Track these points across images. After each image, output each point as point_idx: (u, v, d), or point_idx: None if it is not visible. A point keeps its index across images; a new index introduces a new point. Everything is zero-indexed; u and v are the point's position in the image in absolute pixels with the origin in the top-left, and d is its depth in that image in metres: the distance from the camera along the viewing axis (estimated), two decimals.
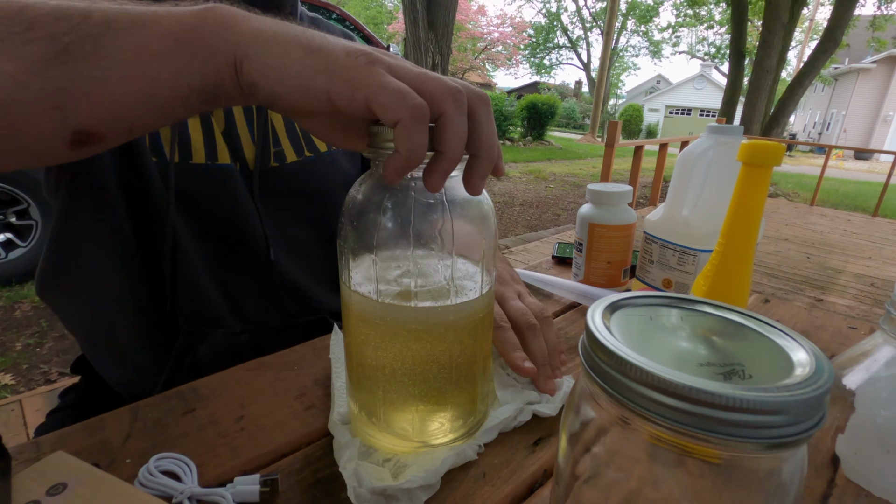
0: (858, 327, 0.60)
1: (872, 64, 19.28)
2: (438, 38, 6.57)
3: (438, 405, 0.34)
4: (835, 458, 0.33)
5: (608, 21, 15.69)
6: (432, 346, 0.32)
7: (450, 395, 0.34)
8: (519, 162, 8.39)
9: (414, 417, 0.34)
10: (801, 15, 8.84)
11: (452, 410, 0.34)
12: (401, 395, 0.33)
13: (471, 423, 0.36)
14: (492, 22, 24.04)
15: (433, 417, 0.34)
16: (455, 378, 0.33)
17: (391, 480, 0.31)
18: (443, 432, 0.34)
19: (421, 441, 0.34)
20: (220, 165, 0.52)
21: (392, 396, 0.33)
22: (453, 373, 0.33)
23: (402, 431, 0.34)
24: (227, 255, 0.55)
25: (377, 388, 0.33)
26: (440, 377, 0.33)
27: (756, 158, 0.34)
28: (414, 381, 0.33)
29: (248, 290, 0.57)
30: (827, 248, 3.06)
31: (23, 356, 1.78)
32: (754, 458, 0.18)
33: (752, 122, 8.20)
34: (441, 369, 0.33)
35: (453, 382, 0.33)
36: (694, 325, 0.22)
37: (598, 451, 0.21)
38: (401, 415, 0.34)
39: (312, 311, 0.62)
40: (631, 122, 21.74)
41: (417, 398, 0.33)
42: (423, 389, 0.33)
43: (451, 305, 0.32)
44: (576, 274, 0.67)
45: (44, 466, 0.29)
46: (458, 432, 0.35)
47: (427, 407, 0.34)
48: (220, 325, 0.55)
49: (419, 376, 0.32)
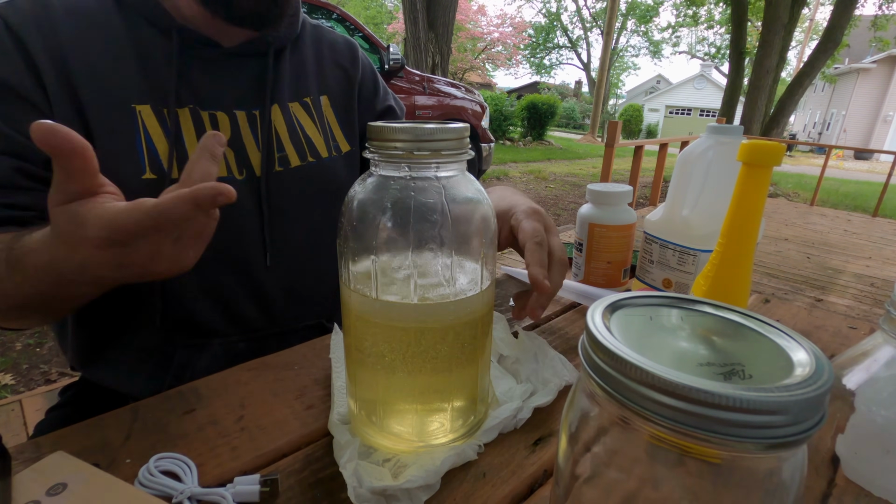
0: (858, 327, 0.60)
1: (872, 64, 19.28)
2: (438, 38, 6.58)
3: (438, 405, 0.34)
4: (835, 458, 0.33)
5: (608, 21, 15.69)
6: (432, 344, 0.32)
7: (449, 395, 0.34)
8: (519, 162, 8.39)
9: (413, 417, 0.34)
10: (801, 15, 8.85)
11: (452, 410, 0.34)
12: (400, 394, 0.33)
13: (471, 423, 0.36)
14: (492, 22, 24.04)
15: (433, 417, 0.34)
16: (455, 377, 0.33)
17: (391, 480, 0.31)
18: (443, 432, 0.34)
19: (421, 441, 0.34)
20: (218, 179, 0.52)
21: (391, 396, 0.33)
22: (453, 372, 0.33)
23: (402, 431, 0.34)
24: (222, 264, 0.54)
25: (377, 387, 0.33)
26: (440, 376, 0.33)
27: (756, 158, 0.34)
28: (413, 380, 0.33)
29: (244, 297, 0.57)
30: (827, 248, 3.06)
31: (23, 356, 1.78)
32: (754, 459, 0.18)
33: (752, 122, 8.20)
34: (441, 368, 0.33)
35: (453, 382, 0.33)
36: (694, 325, 0.22)
37: (598, 451, 0.21)
38: (400, 415, 0.34)
39: (311, 316, 0.62)
40: (631, 122, 21.74)
41: (417, 398, 0.33)
42: (422, 389, 0.33)
43: (450, 303, 0.32)
44: (576, 274, 0.67)
45: (44, 466, 0.29)
46: (458, 432, 0.35)
47: (426, 407, 0.34)
48: (217, 335, 0.55)
49: (419, 376, 0.32)
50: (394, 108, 0.70)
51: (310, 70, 0.61)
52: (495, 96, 11.85)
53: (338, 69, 0.64)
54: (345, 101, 0.64)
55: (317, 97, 0.61)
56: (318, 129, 0.60)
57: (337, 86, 0.64)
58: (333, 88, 0.63)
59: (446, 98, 4.12)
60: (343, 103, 0.64)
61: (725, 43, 20.97)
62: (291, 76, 0.59)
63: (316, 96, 0.61)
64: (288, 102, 0.58)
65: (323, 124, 0.61)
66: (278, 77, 0.57)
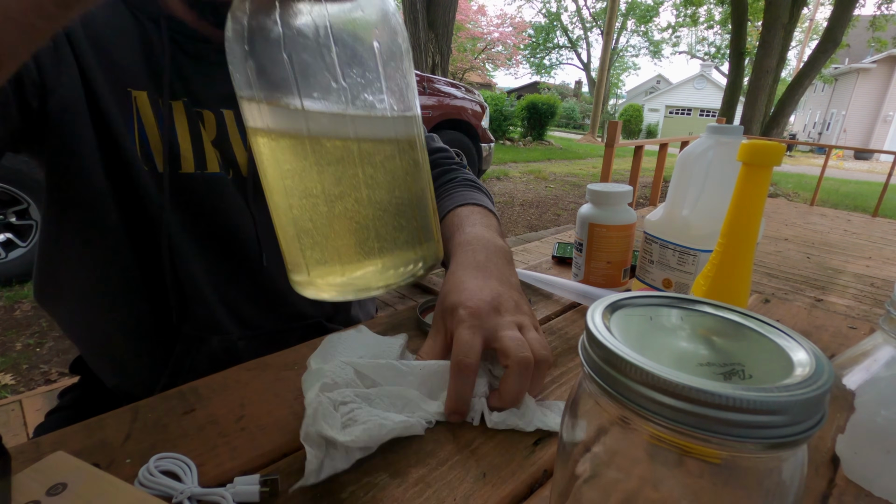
0: (858, 327, 0.60)
1: (872, 64, 19.28)
2: (438, 38, 6.58)
3: (374, 244, 0.33)
4: (835, 458, 0.33)
5: (608, 21, 15.69)
6: (357, 170, 0.31)
7: (382, 231, 0.33)
8: (519, 162, 8.39)
9: (352, 255, 0.33)
10: (801, 15, 8.84)
11: (388, 251, 0.34)
12: (337, 234, 0.33)
13: (416, 267, 0.35)
14: (492, 22, 24.06)
15: (370, 260, 0.34)
16: (386, 213, 0.33)
17: (338, 431, 0.32)
18: (381, 273, 0.34)
19: (361, 285, 0.34)
20: (210, 174, 0.52)
21: (329, 237, 0.33)
22: (382, 206, 0.33)
23: (342, 280, 0.33)
24: (222, 261, 0.55)
25: (314, 232, 0.33)
26: (369, 209, 0.32)
27: (756, 158, 0.34)
28: (345, 213, 0.32)
29: (244, 296, 0.57)
30: (827, 248, 3.06)
31: (23, 356, 1.78)
32: (754, 458, 0.18)
33: (752, 122, 8.20)
34: (370, 200, 0.32)
35: (383, 217, 0.33)
36: (694, 325, 0.22)
37: (598, 451, 0.21)
38: (339, 254, 0.33)
39: (308, 316, 0.62)
40: (631, 122, 21.75)
41: (351, 233, 0.33)
42: (355, 225, 0.32)
43: (385, 118, 0.31)
44: (576, 274, 0.67)
45: (44, 466, 0.29)
46: (399, 271, 0.34)
47: (361, 244, 0.33)
48: (220, 330, 0.55)
49: (348, 210, 0.32)
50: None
51: None
52: (495, 96, 11.85)
53: None
54: None
55: None
56: None
57: None
58: None
59: (446, 98, 4.12)
60: None
61: (725, 43, 20.98)
62: None
63: None
64: None
65: None
66: None
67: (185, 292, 0.53)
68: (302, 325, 0.61)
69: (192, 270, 0.53)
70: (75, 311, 0.56)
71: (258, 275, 0.56)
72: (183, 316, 0.53)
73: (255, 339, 0.58)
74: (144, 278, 0.52)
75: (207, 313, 0.54)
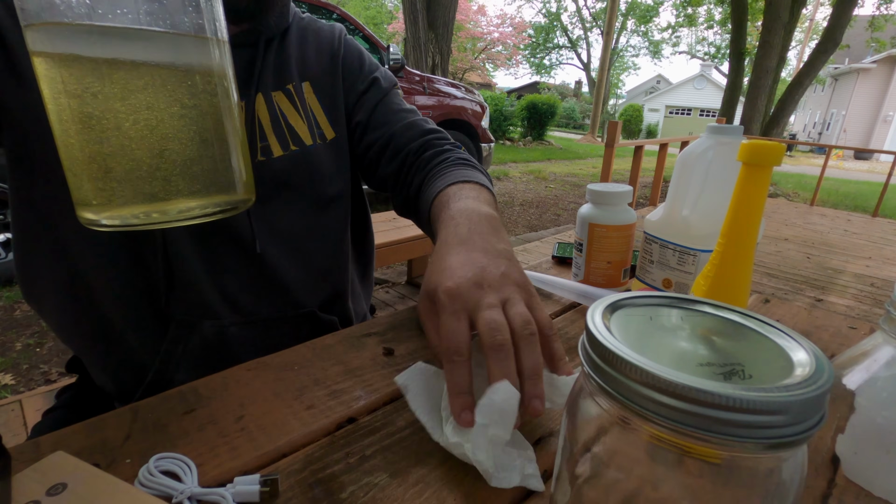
0: (858, 327, 0.60)
1: (872, 64, 19.29)
2: (438, 38, 6.57)
3: (155, 183, 0.31)
4: (835, 458, 0.33)
5: (608, 21, 15.70)
6: (117, 95, 0.29)
7: (163, 166, 0.31)
8: (519, 162, 8.39)
9: (153, 180, 0.31)
10: (801, 15, 8.85)
11: (172, 190, 0.32)
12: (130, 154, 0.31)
13: (222, 204, 0.34)
14: (492, 22, 24.08)
15: (153, 200, 0.32)
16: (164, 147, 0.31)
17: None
18: (163, 211, 0.32)
19: (145, 220, 0.32)
20: None
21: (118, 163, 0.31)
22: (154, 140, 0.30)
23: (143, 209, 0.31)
24: (216, 248, 0.55)
25: (78, 160, 0.30)
26: (135, 143, 0.30)
27: (756, 158, 0.34)
28: (115, 146, 0.30)
29: (237, 282, 0.57)
30: (827, 248, 3.06)
31: (23, 356, 1.78)
32: (754, 459, 0.18)
33: (752, 122, 8.21)
34: (138, 134, 0.30)
35: (159, 151, 0.31)
36: (694, 325, 0.22)
37: (598, 451, 0.21)
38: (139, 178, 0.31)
39: (301, 305, 0.62)
40: (631, 122, 21.75)
41: (122, 166, 0.31)
42: (126, 158, 0.30)
43: (151, 31, 0.29)
44: (576, 274, 0.67)
45: (44, 466, 0.29)
46: (198, 196, 0.33)
47: (139, 179, 0.31)
48: (213, 315, 0.55)
49: (116, 144, 0.30)
50: (379, 81, 0.67)
51: (292, 57, 0.60)
52: (495, 96, 11.87)
53: (322, 55, 0.63)
54: (330, 87, 0.63)
55: (298, 83, 0.60)
56: (300, 116, 0.59)
57: (321, 71, 0.63)
58: (317, 74, 0.62)
59: (446, 98, 4.13)
60: (328, 89, 0.63)
61: (725, 43, 20.98)
62: (275, 65, 0.58)
63: (298, 82, 0.60)
64: (271, 91, 0.57)
65: (306, 111, 0.60)
66: (264, 66, 0.57)
67: (176, 275, 0.53)
68: (295, 314, 0.61)
69: (184, 254, 0.53)
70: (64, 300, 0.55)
71: (252, 261, 0.56)
72: (174, 299, 0.53)
73: (248, 326, 0.58)
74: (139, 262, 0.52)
75: (199, 297, 0.54)
